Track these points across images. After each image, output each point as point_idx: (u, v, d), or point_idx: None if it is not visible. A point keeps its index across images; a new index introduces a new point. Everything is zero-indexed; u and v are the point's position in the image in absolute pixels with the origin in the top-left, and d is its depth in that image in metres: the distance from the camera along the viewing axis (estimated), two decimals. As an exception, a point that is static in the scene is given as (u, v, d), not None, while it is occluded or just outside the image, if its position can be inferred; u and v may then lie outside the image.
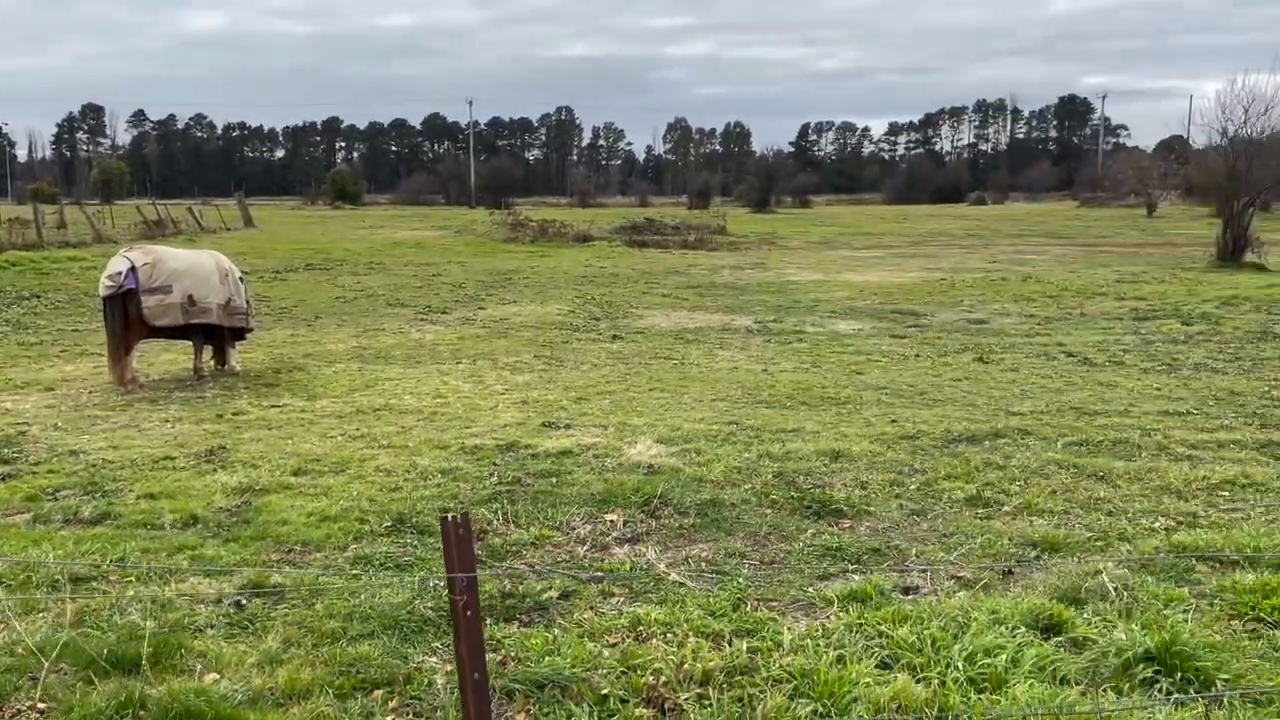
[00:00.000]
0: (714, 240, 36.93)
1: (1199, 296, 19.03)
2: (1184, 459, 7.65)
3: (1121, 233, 43.94)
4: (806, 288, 21.97)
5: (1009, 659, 3.96)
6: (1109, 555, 5.60)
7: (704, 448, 7.83)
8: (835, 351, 13.39)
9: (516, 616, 4.82)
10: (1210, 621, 4.68)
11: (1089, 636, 4.33)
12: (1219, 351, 13.17)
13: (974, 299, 19.65)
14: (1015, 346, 13.81)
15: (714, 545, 5.82)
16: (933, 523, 6.24)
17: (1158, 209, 58.24)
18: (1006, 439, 8.27)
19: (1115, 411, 9.41)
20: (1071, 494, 6.77)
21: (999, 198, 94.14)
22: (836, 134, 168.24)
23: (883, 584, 5.05)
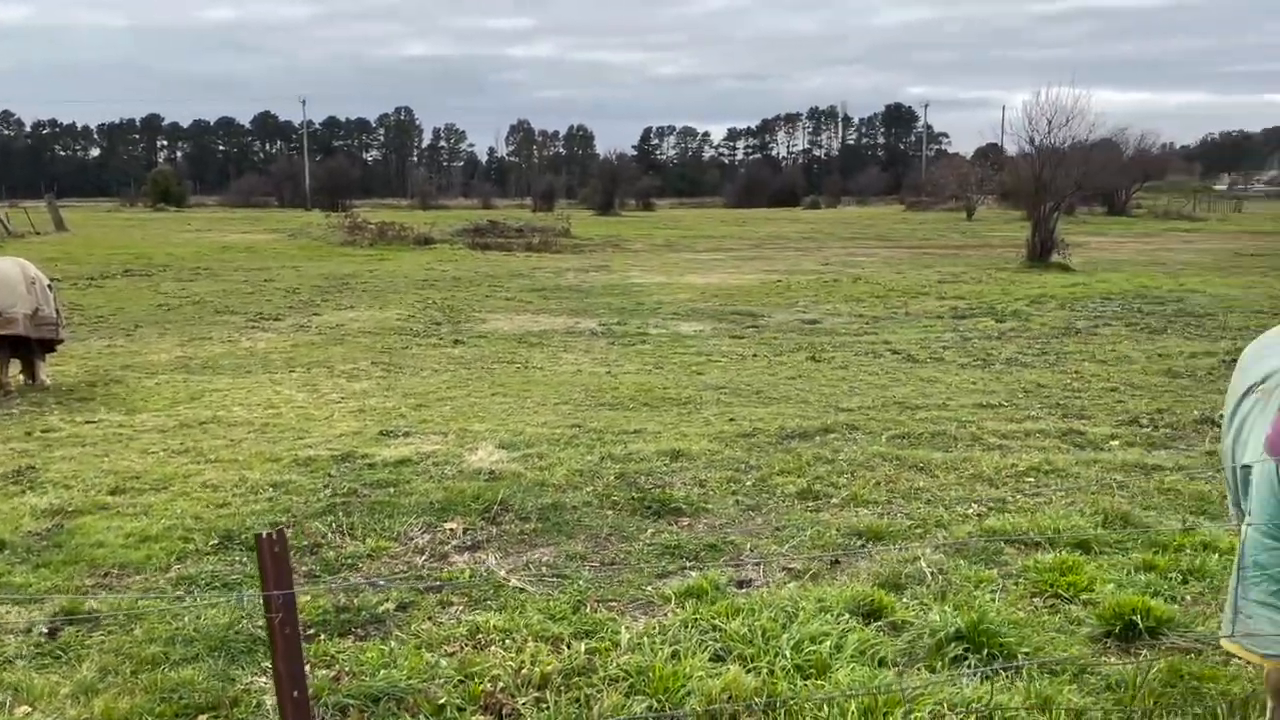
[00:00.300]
0: (558, 243, 36.96)
1: (1011, 295, 20.33)
2: (995, 448, 8.18)
3: (944, 235, 46.43)
4: (650, 290, 22.28)
5: (833, 645, 4.16)
6: (927, 541, 5.94)
7: (546, 451, 7.86)
8: (677, 352, 13.65)
9: (352, 630, 4.73)
10: (1015, 599, 5.03)
11: (907, 619, 4.59)
12: (1028, 347, 14.11)
13: (808, 300, 20.37)
14: (845, 345, 14.41)
15: (555, 549, 5.86)
16: (766, 517, 6.46)
17: (976, 213, 61.80)
18: (836, 434, 8.64)
19: (935, 405, 9.97)
20: (894, 485, 7.14)
21: (832, 202, 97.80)
22: (678, 138, 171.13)
23: (718, 579, 5.21)
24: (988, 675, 4.00)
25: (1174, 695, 3.86)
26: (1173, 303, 19.02)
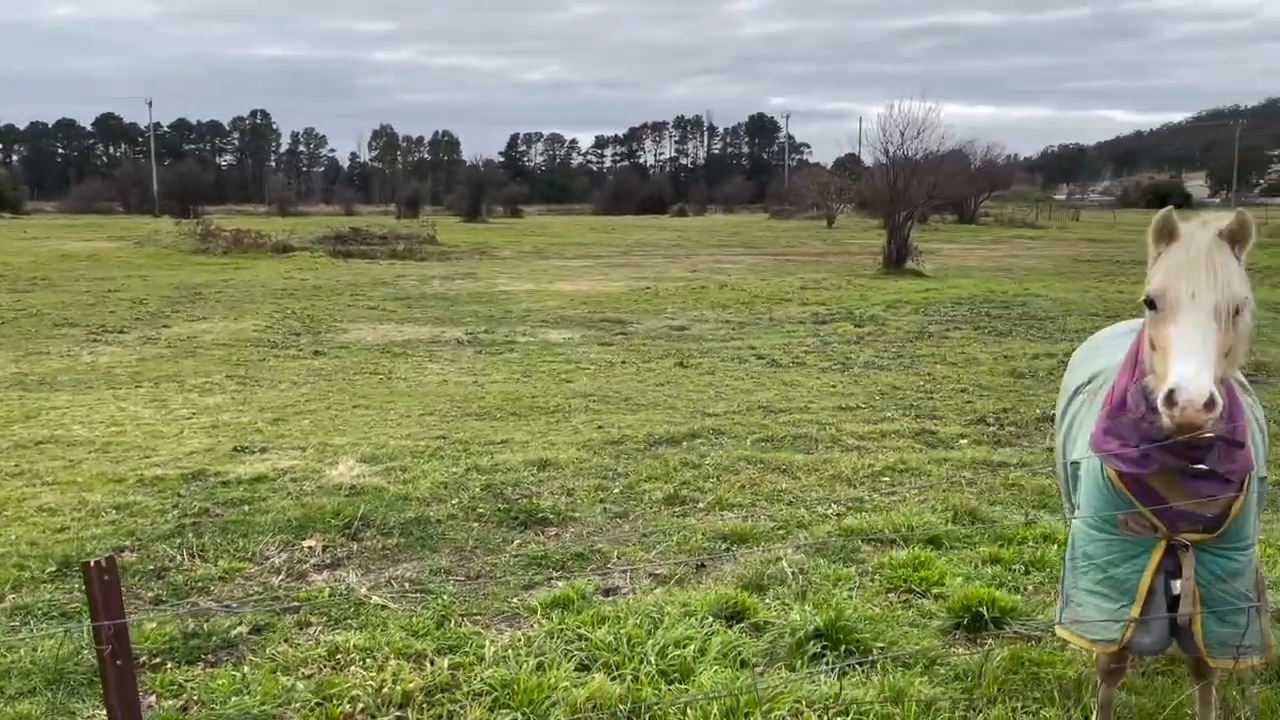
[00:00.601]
0: (424, 250, 36.34)
1: (869, 301, 21.07)
2: (854, 449, 8.46)
3: (806, 243, 47.75)
4: (518, 298, 22.14)
5: (698, 648, 4.22)
6: (789, 542, 6.09)
7: (410, 464, 7.71)
8: (546, 361, 13.60)
9: (202, 657, 4.53)
10: (872, 596, 5.21)
11: (769, 620, 4.69)
12: (884, 350, 14.64)
13: (676, 307, 20.61)
14: (712, 351, 14.64)
15: (419, 564, 5.74)
16: (634, 524, 6.50)
17: (836, 221, 63.84)
18: (702, 439, 8.76)
19: (797, 409, 10.23)
20: (759, 488, 7.29)
21: (699, 210, 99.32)
22: (546, 145, 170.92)
23: (585, 588, 5.20)
24: (844, 671, 4.12)
25: (1015, 681, 4.07)
26: (1017, 306, 20.07)
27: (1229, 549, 3.16)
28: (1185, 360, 2.77)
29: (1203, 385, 2.72)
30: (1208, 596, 3.14)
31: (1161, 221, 3.06)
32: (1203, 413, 2.71)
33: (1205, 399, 2.71)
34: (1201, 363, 2.77)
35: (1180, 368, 2.77)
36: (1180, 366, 2.77)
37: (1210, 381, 2.74)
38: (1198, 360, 2.77)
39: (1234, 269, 2.94)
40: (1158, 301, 2.95)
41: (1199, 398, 2.71)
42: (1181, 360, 2.78)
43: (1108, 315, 18.59)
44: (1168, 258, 2.99)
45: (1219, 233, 2.98)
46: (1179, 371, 2.76)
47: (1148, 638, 3.22)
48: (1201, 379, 2.73)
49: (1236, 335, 2.95)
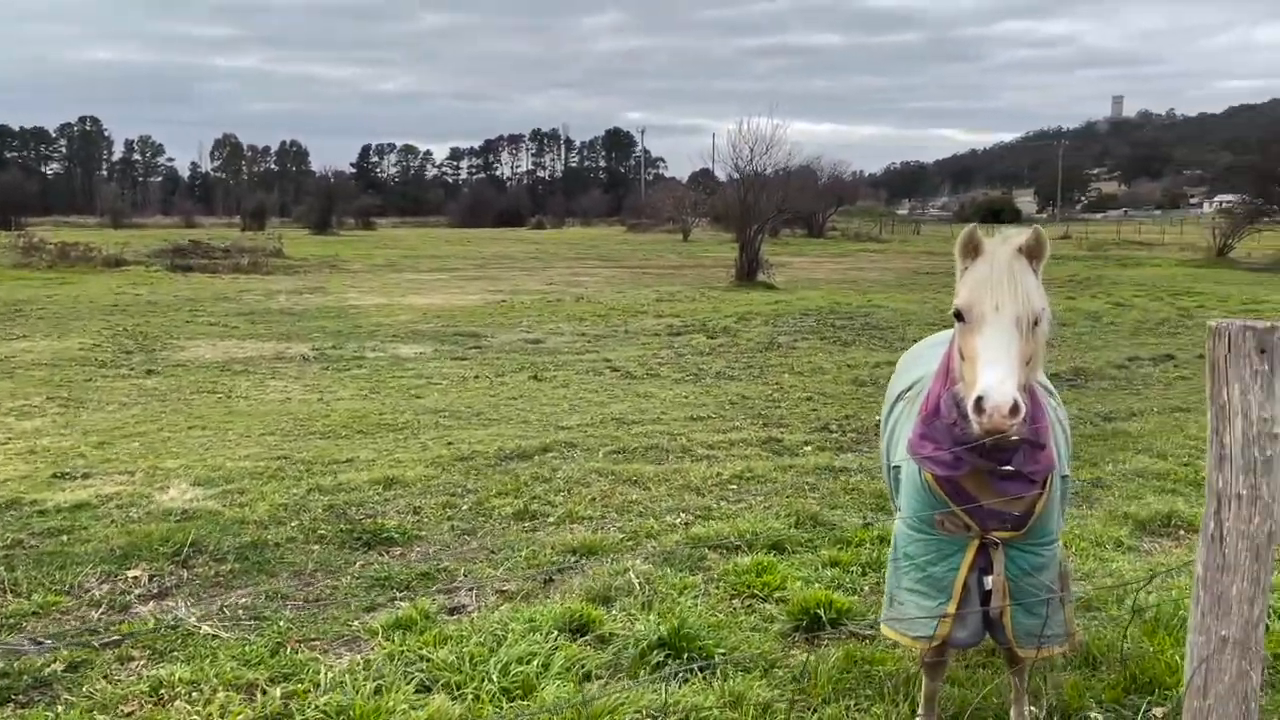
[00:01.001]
0: (269, 264, 35.06)
1: (722, 313, 21.51)
2: (703, 459, 8.60)
3: (662, 255, 48.42)
4: (369, 312, 21.62)
5: (541, 664, 4.19)
6: (638, 553, 6.12)
7: (248, 487, 7.40)
8: (396, 376, 13.31)
9: (12, 698, 4.21)
10: (716, 602, 5.29)
11: (615, 631, 4.70)
12: (735, 361, 14.96)
13: (532, 319, 20.54)
14: (568, 364, 14.64)
15: (254, 590, 5.51)
16: (482, 540, 6.42)
17: (692, 234, 64.96)
18: (554, 452, 8.74)
19: (649, 420, 10.33)
20: (609, 499, 7.31)
21: (557, 222, 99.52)
22: (399, 156, 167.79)
23: (429, 608, 5.10)
24: (686, 678, 4.17)
25: (849, 680, 4.20)
26: (861, 317, 20.87)
27: (1035, 545, 3.36)
28: (991, 369, 2.94)
29: (1007, 392, 2.88)
30: (1016, 590, 3.33)
31: (966, 238, 3.24)
32: (1008, 418, 2.88)
33: (1010, 405, 2.87)
34: (1006, 370, 2.93)
35: (987, 376, 2.93)
36: (987, 375, 2.93)
37: (1014, 388, 2.91)
38: (1003, 368, 2.93)
39: (1032, 282, 3.13)
40: (965, 314, 3.12)
41: (1004, 404, 2.87)
42: (988, 369, 2.94)
43: (944, 324, 19.45)
44: (973, 272, 3.16)
45: (1018, 248, 3.17)
46: (986, 379, 2.92)
47: (963, 632, 3.39)
48: (1006, 386, 2.90)
49: (1036, 344, 3.14)
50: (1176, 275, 33.11)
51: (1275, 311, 21.54)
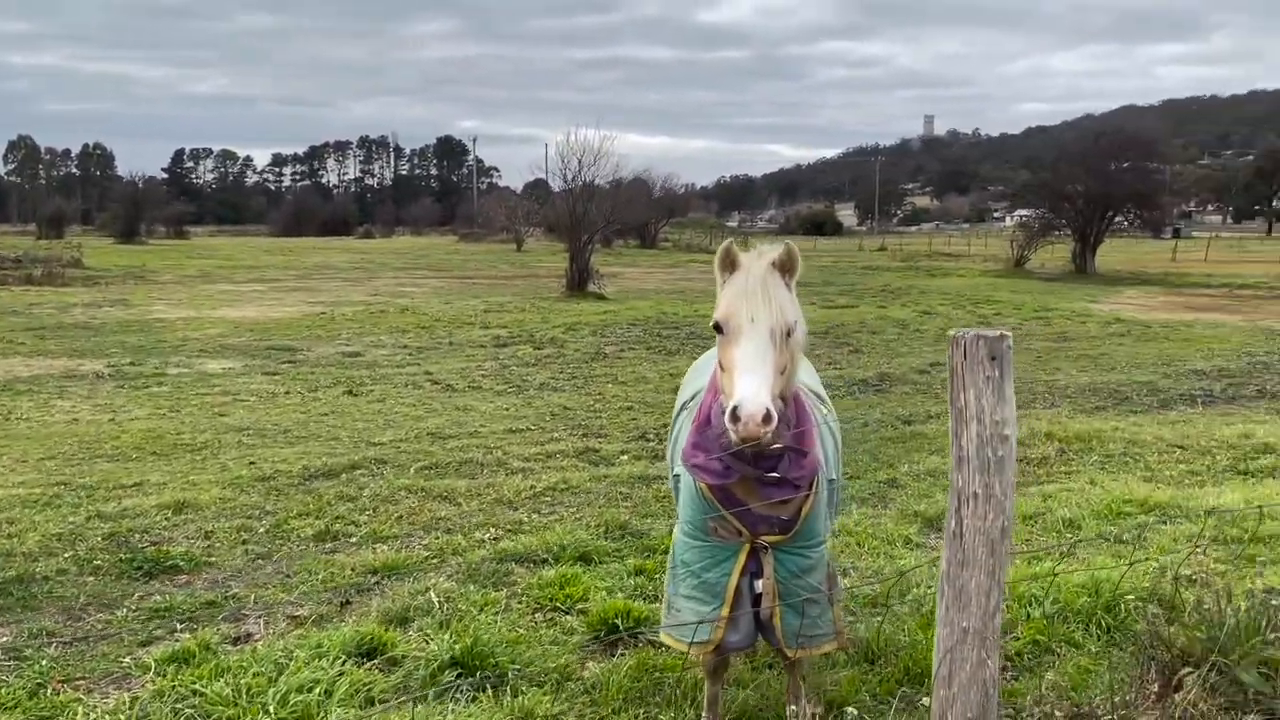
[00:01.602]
0: (66, 275, 32.67)
1: (550, 324, 21.48)
2: (519, 472, 8.53)
3: (495, 266, 47.99)
4: (175, 326, 20.46)
5: (324, 691, 4.04)
6: (442, 571, 6.01)
7: (18, 516, 6.85)
8: (199, 394, 12.63)
9: None
10: (518, 617, 5.25)
11: (407, 653, 4.59)
12: (560, 372, 14.96)
13: (353, 332, 19.93)
14: (386, 377, 14.27)
15: (16, 628, 5.09)
16: (278, 564, 6.15)
17: (526, 244, 64.68)
18: (363, 470, 8.49)
19: (467, 434, 10.19)
20: (417, 517, 7.15)
21: (386, 232, 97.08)
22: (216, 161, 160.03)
23: (211, 639, 4.84)
24: (475, 697, 4.11)
25: (640, 689, 4.24)
26: (687, 326, 21.25)
27: (803, 547, 3.48)
28: (746, 379, 3.02)
29: (760, 402, 2.97)
30: (785, 592, 3.44)
31: (724, 253, 3.32)
32: (761, 426, 2.96)
33: (763, 414, 2.96)
34: (761, 380, 3.03)
35: (742, 386, 3.01)
36: (742, 385, 3.02)
37: (768, 398, 3.01)
38: (757, 378, 3.03)
39: (785, 295, 3.25)
40: (723, 326, 3.20)
41: (758, 413, 2.96)
42: (743, 379, 3.03)
43: (764, 333, 20.17)
44: (731, 286, 3.25)
45: (772, 263, 3.28)
46: (741, 389, 3.01)
47: (736, 635, 3.47)
48: (760, 396, 2.99)
49: (790, 354, 3.25)
50: (979, 285, 35.28)
51: (1063, 317, 23.29)
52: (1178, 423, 10.86)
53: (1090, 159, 42.12)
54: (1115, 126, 46.79)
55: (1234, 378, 14.29)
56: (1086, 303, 27.79)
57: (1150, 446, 9.52)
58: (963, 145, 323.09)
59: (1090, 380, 14.04)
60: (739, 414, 2.97)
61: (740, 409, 2.97)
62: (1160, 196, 46.99)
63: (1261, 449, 9.29)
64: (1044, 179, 45.81)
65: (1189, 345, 18.35)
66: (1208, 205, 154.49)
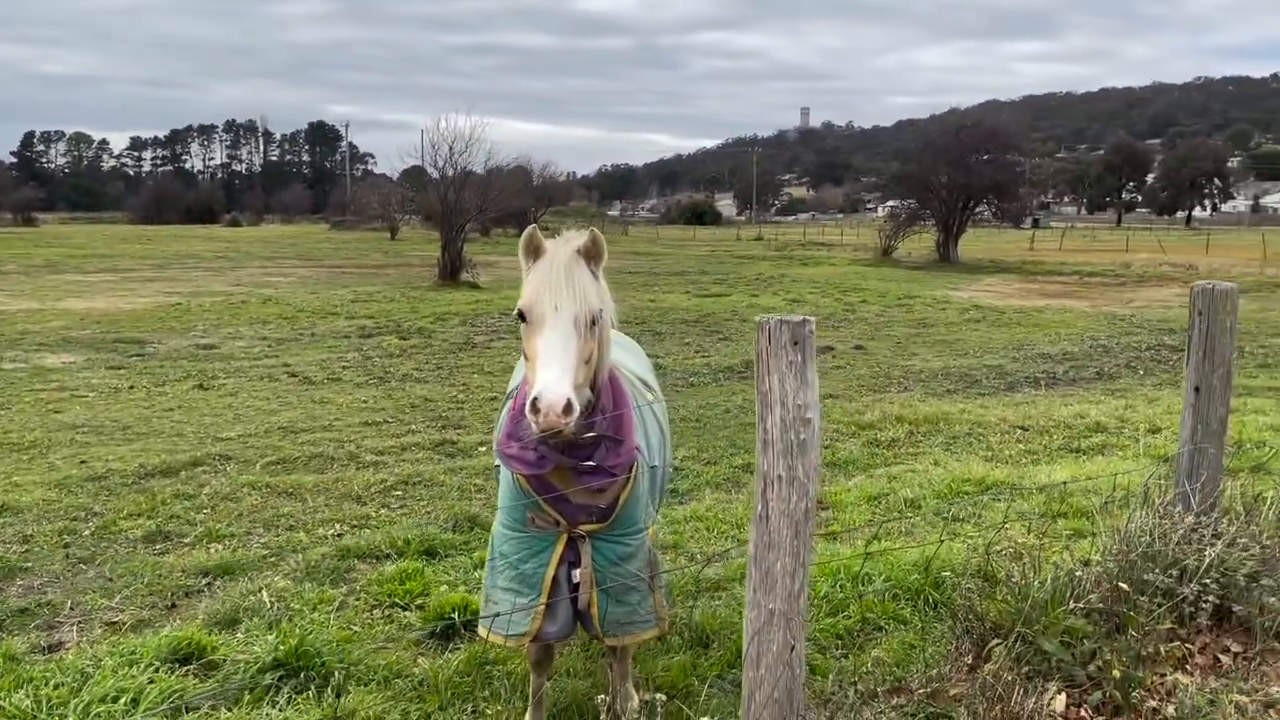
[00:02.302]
0: (-104, 264, 30.42)
1: (419, 313, 21.07)
2: (370, 465, 8.32)
3: (367, 255, 46.88)
4: (14, 319, 19.25)
5: (130, 700, 3.83)
6: (280, 570, 5.80)
7: None
8: (34, 390, 11.90)
9: None
10: (354, 615, 5.10)
11: (229, 656, 4.40)
12: (426, 363, 14.67)
13: (210, 323, 19.13)
14: (242, 370, 13.74)
15: None
16: (100, 568, 5.83)
17: (400, 233, 63.34)
18: (205, 467, 8.15)
19: (320, 427, 9.89)
20: (258, 514, 6.89)
21: (255, 219, 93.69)
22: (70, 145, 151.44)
23: (18, 649, 4.54)
24: (291, 699, 3.97)
25: (469, 684, 4.17)
26: (558, 316, 21.15)
27: (621, 535, 3.46)
28: (547, 369, 2.98)
29: (560, 393, 2.93)
30: (604, 581, 3.42)
31: (528, 240, 3.27)
32: (561, 417, 2.92)
33: (563, 405, 2.92)
34: (563, 370, 2.99)
35: (543, 376, 2.97)
36: (543, 375, 2.97)
37: (569, 388, 2.96)
38: (559, 369, 2.98)
39: (590, 282, 3.22)
40: (527, 314, 3.14)
41: (557, 403, 2.91)
42: (545, 369, 2.98)
43: (637, 322, 20.24)
44: (535, 273, 3.20)
45: (577, 250, 3.25)
46: (542, 380, 2.96)
47: (554, 626, 3.44)
48: (561, 386, 2.94)
49: (595, 342, 3.22)
50: (848, 274, 36.25)
51: (924, 304, 24.12)
52: (1021, 404, 11.36)
53: (952, 151, 43.73)
54: (976, 120, 48.63)
55: (1076, 361, 15.05)
56: (947, 290, 28.87)
57: (994, 428, 9.94)
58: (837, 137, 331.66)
59: (944, 365, 14.57)
60: (538, 405, 2.92)
61: (540, 400, 2.93)
62: (1018, 188, 49.22)
63: (1094, 428, 9.80)
64: (910, 170, 47.39)
65: (1038, 330, 19.25)
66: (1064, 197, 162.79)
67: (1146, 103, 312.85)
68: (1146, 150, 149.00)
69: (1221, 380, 4.57)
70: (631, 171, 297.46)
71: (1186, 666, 4.09)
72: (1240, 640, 4.25)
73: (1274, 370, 13.67)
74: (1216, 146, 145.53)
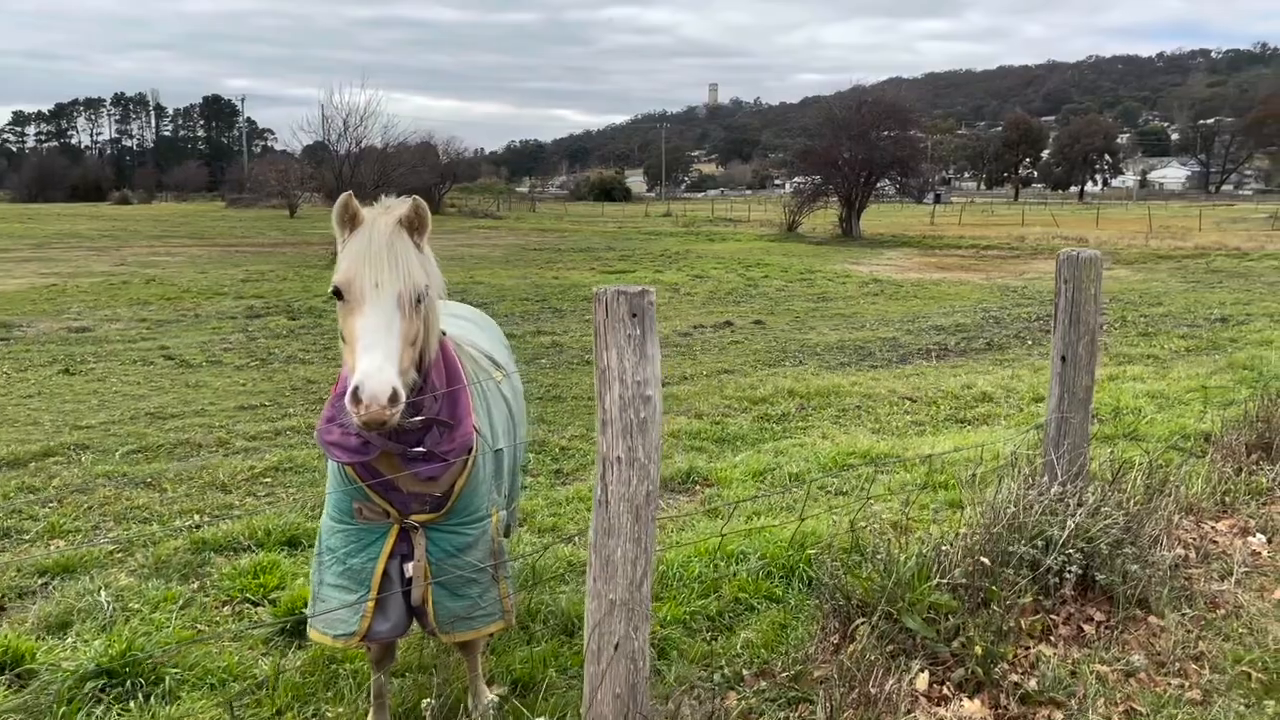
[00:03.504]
0: None
1: (311, 292, 20.38)
2: (240, 452, 7.91)
3: (263, 233, 45.35)
4: None
5: (-76, 720, 3.48)
6: (126, 566, 5.43)
7: None
8: (-121, 378, 11.08)
9: None
10: (203, 612, 4.78)
11: (49, 664, 4.05)
12: (313, 343, 14.15)
13: (86, 305, 18.18)
14: (115, 354, 13.04)
15: None
16: (-77, 571, 5.36)
17: (301, 210, 61.48)
18: (58, 457, 7.65)
19: (192, 413, 9.40)
20: (110, 507, 6.46)
21: (146, 197, 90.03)
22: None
23: None
24: (118, 708, 3.66)
25: (313, 684, 3.91)
26: (458, 294, 20.63)
27: (458, 525, 3.23)
28: (369, 354, 2.72)
29: (384, 381, 2.68)
30: (440, 573, 3.19)
31: (342, 207, 2.99)
32: (386, 409, 2.67)
33: (388, 395, 2.67)
34: (386, 355, 2.73)
35: (364, 362, 2.70)
36: (364, 361, 2.71)
37: (394, 375, 2.71)
38: (381, 353, 2.73)
39: (414, 256, 2.97)
40: (344, 291, 2.87)
41: (381, 393, 2.66)
42: (366, 354, 2.72)
43: (538, 300, 19.94)
44: (352, 245, 2.93)
45: (399, 219, 2.99)
46: (363, 367, 2.70)
47: (386, 624, 3.19)
48: (385, 374, 2.69)
49: (421, 322, 2.97)
50: (754, 249, 36.41)
51: (826, 279, 24.32)
52: (912, 376, 11.45)
53: (854, 126, 44.21)
54: (876, 96, 49.22)
55: (968, 332, 15.29)
56: (849, 265, 29.20)
57: (883, 399, 9.97)
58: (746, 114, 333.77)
59: (840, 338, 14.65)
60: (360, 395, 2.66)
61: (362, 390, 2.66)
62: (918, 163, 50.07)
63: (980, 398, 9.91)
64: (813, 146, 47.77)
65: (933, 303, 19.55)
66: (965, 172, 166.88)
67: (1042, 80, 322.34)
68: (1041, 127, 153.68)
69: (1087, 349, 4.55)
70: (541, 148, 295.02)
71: (1050, 638, 4.06)
72: (1103, 609, 4.25)
73: (1153, 339, 14.09)
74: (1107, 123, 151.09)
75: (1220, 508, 5.69)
